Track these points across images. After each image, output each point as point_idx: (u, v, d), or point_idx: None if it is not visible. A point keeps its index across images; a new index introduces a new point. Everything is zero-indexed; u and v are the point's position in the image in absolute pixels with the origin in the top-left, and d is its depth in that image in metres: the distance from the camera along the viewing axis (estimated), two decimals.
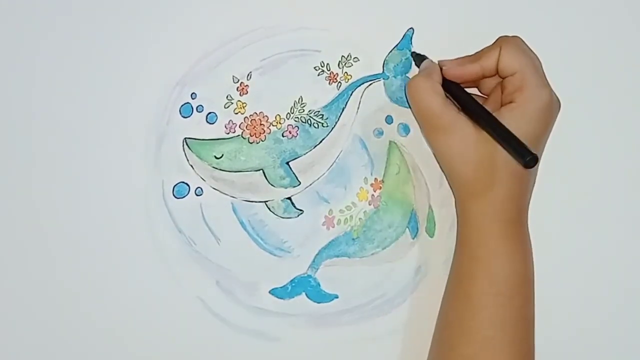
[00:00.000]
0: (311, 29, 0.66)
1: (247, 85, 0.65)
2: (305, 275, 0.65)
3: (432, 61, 0.64)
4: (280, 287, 0.65)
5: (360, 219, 0.66)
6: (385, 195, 0.66)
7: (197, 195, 0.65)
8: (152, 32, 0.65)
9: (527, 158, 0.56)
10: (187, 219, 0.65)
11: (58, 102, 0.65)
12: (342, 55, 0.66)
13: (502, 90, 0.62)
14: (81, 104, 0.65)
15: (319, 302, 0.65)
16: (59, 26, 0.65)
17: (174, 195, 0.65)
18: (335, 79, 0.66)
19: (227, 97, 0.65)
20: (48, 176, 0.65)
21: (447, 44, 0.66)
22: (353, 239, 0.66)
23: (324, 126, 0.66)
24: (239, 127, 0.65)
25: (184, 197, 0.65)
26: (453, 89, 0.62)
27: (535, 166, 0.59)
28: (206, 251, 0.65)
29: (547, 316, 0.64)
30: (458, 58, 0.64)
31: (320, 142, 0.66)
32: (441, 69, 0.63)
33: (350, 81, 0.66)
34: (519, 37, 0.62)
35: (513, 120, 0.59)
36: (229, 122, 0.65)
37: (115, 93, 0.65)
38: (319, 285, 0.65)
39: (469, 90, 0.64)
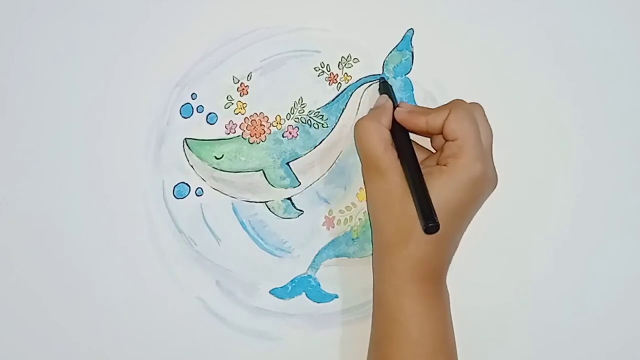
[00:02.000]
0: (311, 29, 0.66)
1: (247, 86, 0.66)
2: (306, 275, 0.66)
3: (387, 98, 0.64)
4: (281, 287, 0.65)
5: (360, 219, 0.66)
6: None
7: (198, 195, 0.65)
8: (152, 32, 0.66)
9: (429, 224, 0.56)
10: (187, 219, 0.65)
11: (58, 103, 0.65)
12: (342, 56, 0.66)
13: (441, 152, 0.61)
14: (81, 104, 0.65)
15: (319, 302, 0.65)
16: (59, 26, 0.65)
17: (174, 195, 0.65)
18: (335, 79, 0.66)
19: (227, 97, 0.65)
20: (48, 176, 0.65)
21: (447, 44, 0.67)
22: (353, 239, 0.66)
23: (324, 127, 0.66)
24: (239, 127, 0.65)
25: (184, 197, 0.65)
26: (398, 135, 0.62)
27: (453, 232, 0.59)
28: (206, 251, 0.65)
29: (547, 316, 0.65)
30: (414, 106, 0.64)
31: (321, 142, 0.66)
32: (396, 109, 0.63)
33: (350, 82, 0.66)
34: (478, 105, 0.62)
35: (441, 183, 0.59)
36: (229, 123, 0.65)
37: (116, 93, 0.65)
38: (319, 285, 0.65)
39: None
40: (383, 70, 0.66)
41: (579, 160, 0.67)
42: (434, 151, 0.64)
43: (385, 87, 0.65)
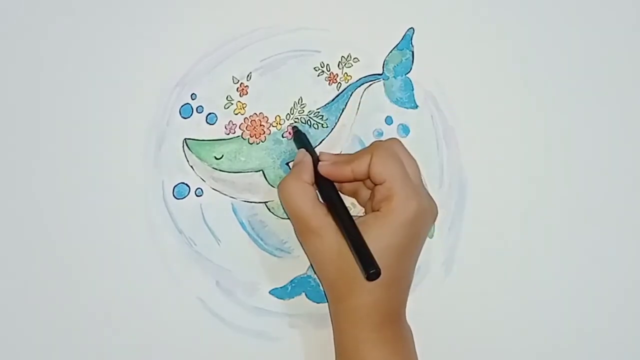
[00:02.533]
0: (311, 29, 0.66)
1: (247, 86, 0.66)
2: (305, 275, 0.66)
3: (305, 153, 0.63)
4: (280, 288, 0.65)
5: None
6: None
7: (197, 195, 0.65)
8: (152, 32, 0.66)
9: (370, 271, 0.55)
10: (187, 220, 0.65)
11: (58, 103, 0.65)
12: (342, 56, 0.66)
13: (372, 196, 0.61)
14: (81, 104, 0.65)
15: (318, 302, 0.65)
16: (59, 26, 0.65)
17: (174, 195, 0.65)
18: (335, 79, 0.66)
19: (227, 97, 0.65)
20: (48, 176, 0.65)
21: (447, 44, 0.66)
22: None
23: (323, 127, 0.66)
24: (239, 127, 0.65)
25: (184, 197, 0.65)
26: (324, 187, 0.61)
27: (401, 273, 0.59)
28: (206, 252, 0.65)
29: (547, 317, 0.65)
30: (336, 155, 0.64)
31: (320, 142, 0.66)
32: (318, 161, 0.62)
33: (350, 82, 0.66)
34: (397, 141, 0.61)
35: (377, 229, 0.58)
36: (229, 123, 0.65)
37: (115, 94, 0.65)
38: (319, 285, 0.65)
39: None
40: (383, 69, 0.66)
41: (579, 160, 0.67)
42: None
43: (299, 137, 0.64)
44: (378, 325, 0.59)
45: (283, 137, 0.65)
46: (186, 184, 0.65)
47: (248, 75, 0.66)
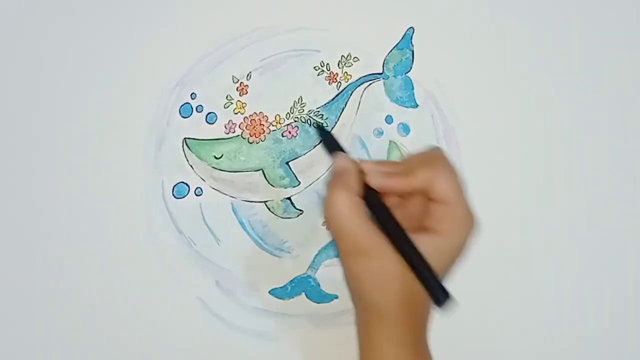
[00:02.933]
0: (311, 29, 0.66)
1: (246, 85, 0.65)
2: (305, 275, 0.65)
3: (347, 159, 0.59)
4: (280, 288, 0.65)
5: None
6: None
7: (197, 195, 0.65)
8: (152, 32, 0.66)
9: (445, 300, 0.54)
10: (187, 219, 0.65)
11: (58, 102, 0.65)
12: (342, 55, 0.66)
13: (425, 207, 0.57)
14: (81, 104, 0.65)
15: (318, 303, 0.65)
16: (58, 26, 0.65)
17: (173, 195, 0.65)
18: (335, 78, 0.66)
19: (226, 97, 0.65)
20: (48, 176, 0.65)
21: (448, 42, 0.66)
22: None
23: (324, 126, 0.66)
24: (239, 127, 0.65)
25: (183, 197, 0.65)
26: (374, 202, 0.57)
27: None
28: (206, 251, 0.65)
29: (547, 317, 0.65)
30: (382, 164, 0.60)
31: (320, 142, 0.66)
32: (362, 171, 0.58)
33: (350, 81, 0.66)
34: (444, 152, 0.59)
35: (434, 251, 0.55)
36: (228, 122, 0.65)
37: (115, 93, 0.65)
38: (319, 285, 0.65)
39: None
40: (383, 69, 0.66)
41: (579, 160, 0.67)
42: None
43: (327, 137, 0.63)
44: (412, 345, 0.57)
45: (283, 136, 0.65)
46: (186, 184, 0.65)
47: (248, 75, 0.65)
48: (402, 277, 0.55)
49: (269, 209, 0.65)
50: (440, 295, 0.55)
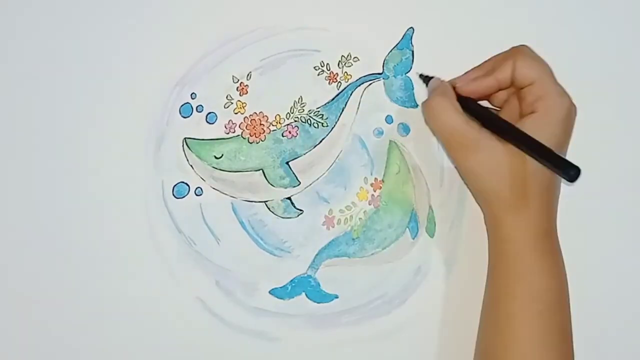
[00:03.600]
0: (311, 28, 0.66)
1: (247, 85, 0.65)
2: (305, 275, 0.65)
3: (440, 79, 0.63)
4: (280, 287, 0.65)
5: (360, 218, 0.66)
6: (385, 195, 0.66)
7: (197, 195, 0.65)
8: (152, 32, 0.65)
9: (572, 172, 0.56)
10: (187, 219, 0.65)
11: (58, 102, 0.65)
12: (342, 55, 0.66)
13: (519, 100, 0.61)
14: (81, 104, 0.65)
15: (318, 302, 0.65)
16: (58, 26, 0.65)
17: (173, 195, 0.65)
18: (335, 78, 0.66)
19: (226, 97, 0.65)
20: (48, 176, 0.65)
21: (447, 44, 0.66)
22: (353, 239, 0.65)
23: (323, 126, 0.66)
24: (239, 127, 0.65)
25: (183, 197, 0.65)
26: (470, 106, 0.61)
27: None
28: (206, 251, 0.65)
29: None
30: (468, 72, 0.63)
31: (320, 142, 0.66)
32: (454, 87, 0.62)
33: (350, 81, 0.66)
34: (528, 46, 0.62)
35: (538, 130, 0.58)
36: (228, 122, 0.65)
37: (115, 93, 0.65)
38: (319, 285, 0.65)
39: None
40: (383, 69, 0.66)
41: (578, 159, 0.66)
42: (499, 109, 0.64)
43: (428, 78, 0.65)
44: (543, 233, 0.60)
45: (283, 136, 0.65)
46: (186, 184, 0.65)
47: (248, 75, 0.65)
48: (511, 157, 0.58)
49: (269, 208, 0.65)
50: (566, 168, 0.56)
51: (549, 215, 0.60)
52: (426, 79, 0.65)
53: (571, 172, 0.56)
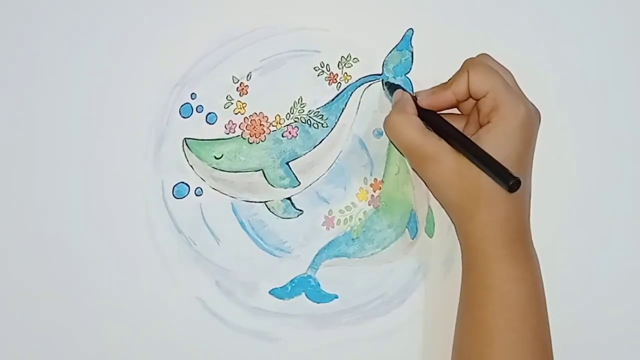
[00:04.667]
0: (311, 29, 0.66)
1: (247, 86, 0.66)
2: (305, 275, 0.65)
3: (403, 91, 0.64)
4: (280, 288, 0.65)
5: (360, 219, 0.66)
6: (384, 195, 0.66)
7: (197, 195, 0.65)
8: (152, 32, 0.65)
9: (510, 182, 0.56)
10: (187, 219, 0.65)
11: (58, 103, 0.65)
12: (342, 56, 0.66)
13: (477, 112, 0.61)
14: (81, 104, 0.65)
15: (318, 302, 0.65)
16: (58, 26, 0.65)
17: (173, 195, 0.65)
18: (335, 79, 0.66)
19: (227, 97, 0.65)
20: (48, 176, 0.65)
21: (447, 44, 0.67)
22: (353, 239, 0.66)
23: (323, 126, 0.66)
24: (239, 127, 0.65)
25: (183, 197, 0.65)
26: (430, 118, 0.62)
27: (522, 183, 0.58)
28: (206, 251, 0.65)
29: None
30: (432, 87, 0.64)
31: (320, 142, 0.66)
32: (416, 100, 0.63)
33: (350, 81, 0.66)
34: (486, 55, 0.62)
35: (492, 141, 0.59)
36: (228, 123, 0.65)
37: (115, 93, 0.65)
38: (319, 285, 0.65)
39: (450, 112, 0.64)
40: (383, 70, 0.66)
41: (578, 160, 0.67)
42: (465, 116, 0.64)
43: (391, 85, 0.65)
44: (510, 241, 0.60)
45: (283, 136, 0.65)
46: (186, 184, 0.65)
47: (248, 75, 0.66)
48: (465, 169, 0.59)
49: (269, 209, 0.65)
50: (506, 178, 0.56)
51: (514, 225, 0.60)
52: (391, 86, 0.65)
53: (510, 182, 0.56)
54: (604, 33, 0.68)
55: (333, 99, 0.66)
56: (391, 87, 0.65)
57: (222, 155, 0.65)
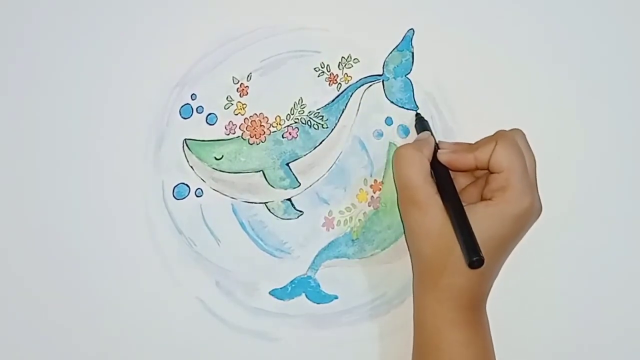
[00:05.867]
0: (311, 29, 0.66)
1: (247, 86, 0.65)
2: (305, 276, 0.66)
3: (430, 134, 0.63)
4: (280, 288, 0.65)
5: (359, 220, 0.66)
6: (384, 196, 0.66)
7: (197, 196, 0.65)
8: (152, 32, 0.65)
9: (473, 258, 0.56)
10: (187, 220, 0.65)
11: (58, 103, 0.65)
12: (342, 56, 0.66)
13: (485, 182, 0.61)
14: (81, 105, 0.65)
15: (318, 303, 0.65)
16: (58, 26, 0.65)
17: (174, 196, 0.65)
18: (335, 80, 0.66)
19: (227, 98, 0.65)
20: (48, 177, 0.65)
21: (447, 44, 0.66)
22: (352, 240, 0.66)
23: (324, 127, 0.66)
24: (239, 128, 0.65)
25: (184, 198, 0.65)
26: (439, 171, 0.61)
27: (495, 264, 0.59)
28: (206, 252, 0.65)
29: (546, 316, 0.65)
30: (455, 143, 0.63)
31: (320, 143, 0.66)
32: (437, 147, 0.62)
33: (350, 82, 0.66)
34: (520, 132, 0.62)
35: (486, 218, 0.58)
36: (229, 123, 0.65)
37: (115, 94, 0.65)
38: (319, 286, 0.65)
39: None
40: (383, 70, 0.66)
41: (578, 160, 0.67)
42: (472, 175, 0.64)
43: (422, 122, 0.65)
44: (463, 308, 0.60)
45: (283, 137, 0.65)
46: (186, 185, 0.65)
47: (248, 76, 0.65)
48: (446, 230, 0.58)
49: (269, 209, 0.66)
50: (471, 253, 0.56)
51: (472, 295, 0.60)
52: (420, 120, 0.65)
53: (473, 258, 0.56)
54: (605, 33, 0.67)
55: (333, 100, 0.66)
56: (421, 122, 0.65)
57: (223, 156, 0.65)
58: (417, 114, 0.65)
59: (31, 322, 0.65)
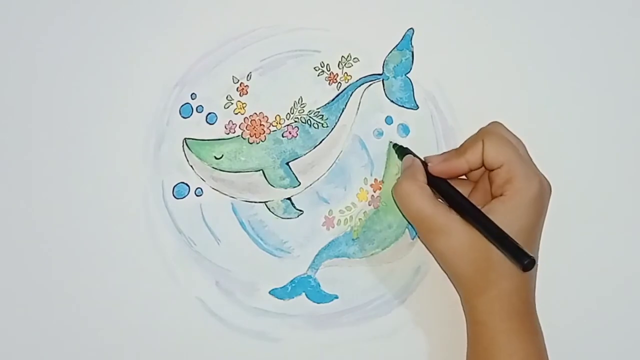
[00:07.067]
0: (311, 29, 0.66)
1: (247, 86, 0.65)
2: (305, 275, 0.65)
3: (413, 157, 0.63)
4: (280, 288, 0.65)
5: (360, 219, 0.66)
6: (385, 195, 0.66)
7: (197, 195, 0.65)
8: (152, 32, 0.65)
9: (525, 262, 0.55)
10: (187, 220, 0.65)
11: (58, 103, 0.65)
12: (342, 56, 0.66)
13: (490, 182, 0.61)
14: (81, 104, 0.65)
15: (318, 303, 0.65)
16: (58, 26, 0.65)
17: (173, 195, 0.65)
18: (335, 79, 0.66)
19: (227, 97, 0.65)
20: (48, 177, 0.65)
21: (447, 43, 0.67)
22: (353, 240, 0.66)
23: (324, 126, 0.66)
24: (239, 127, 0.65)
25: (183, 197, 0.65)
26: (440, 186, 0.61)
27: (535, 256, 0.58)
28: (206, 252, 0.65)
29: (546, 316, 0.65)
30: (443, 153, 0.63)
31: (320, 142, 0.66)
32: (426, 165, 0.62)
33: (350, 81, 0.66)
34: (500, 124, 0.62)
35: (506, 214, 0.58)
36: (228, 123, 0.65)
37: (115, 93, 0.65)
38: (319, 285, 0.65)
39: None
40: (383, 69, 0.66)
41: (578, 159, 0.67)
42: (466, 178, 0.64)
43: (401, 150, 0.65)
44: (517, 314, 0.59)
45: (283, 136, 0.65)
46: (186, 184, 0.65)
47: (248, 75, 0.66)
48: (476, 241, 0.58)
49: (269, 209, 0.65)
50: (520, 257, 0.55)
51: (521, 298, 0.60)
52: (399, 149, 0.65)
53: (525, 261, 0.55)
54: (605, 32, 0.67)
55: (333, 99, 0.66)
56: (400, 151, 0.65)
57: (222, 155, 0.65)
58: (392, 144, 0.65)
59: (31, 322, 0.64)
